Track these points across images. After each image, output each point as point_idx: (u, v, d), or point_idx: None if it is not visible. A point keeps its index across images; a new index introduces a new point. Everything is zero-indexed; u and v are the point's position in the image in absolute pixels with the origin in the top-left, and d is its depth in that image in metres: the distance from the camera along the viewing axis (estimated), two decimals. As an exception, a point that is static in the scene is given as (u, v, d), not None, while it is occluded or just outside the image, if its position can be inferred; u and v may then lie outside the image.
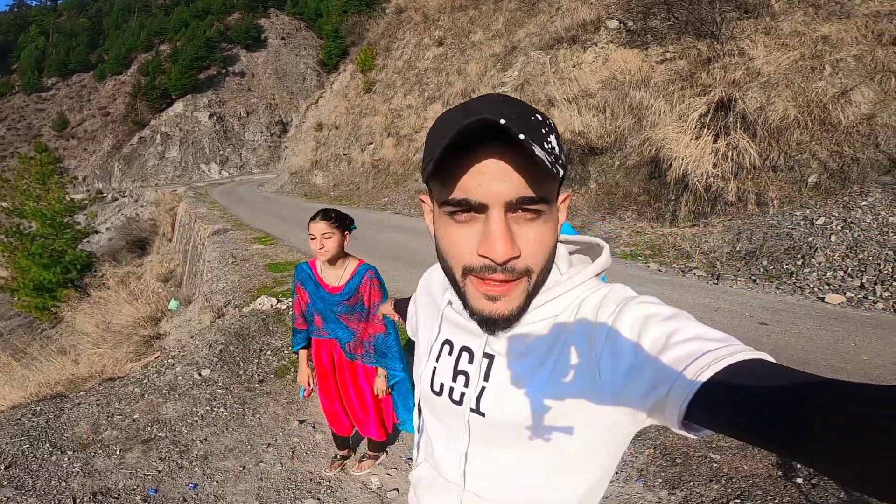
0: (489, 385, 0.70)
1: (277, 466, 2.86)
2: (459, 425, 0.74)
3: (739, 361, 0.48)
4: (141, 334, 5.89)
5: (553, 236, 0.63)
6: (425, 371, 0.81)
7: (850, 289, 5.05)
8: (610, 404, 0.60)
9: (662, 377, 0.53)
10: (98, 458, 2.86)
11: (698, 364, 0.50)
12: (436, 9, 19.01)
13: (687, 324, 0.56)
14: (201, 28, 56.35)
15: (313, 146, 21.63)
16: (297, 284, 2.37)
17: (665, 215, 7.39)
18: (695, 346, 0.52)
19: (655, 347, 0.55)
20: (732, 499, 2.32)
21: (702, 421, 0.50)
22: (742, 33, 8.47)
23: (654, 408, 0.55)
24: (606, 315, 0.62)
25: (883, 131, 6.13)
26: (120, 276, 12.16)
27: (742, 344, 0.52)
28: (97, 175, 48.68)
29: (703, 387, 0.48)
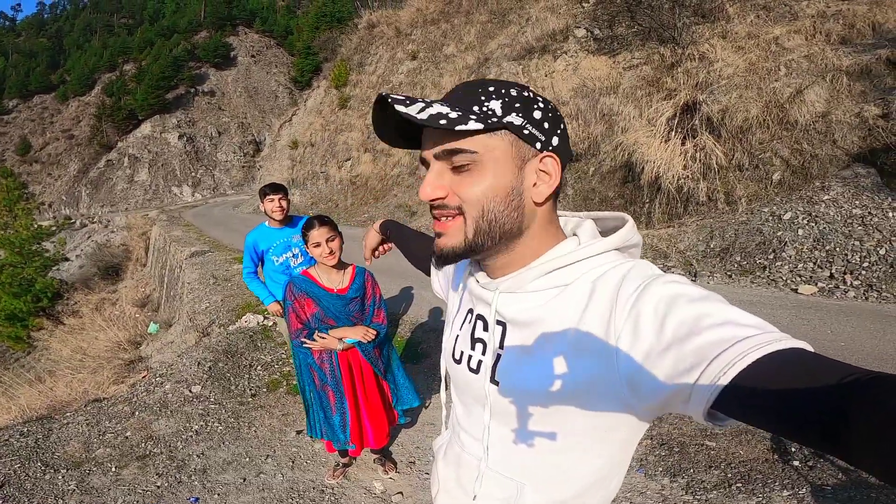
0: (504, 353, 0.72)
1: (278, 477, 2.86)
2: (478, 396, 0.75)
3: (777, 351, 0.46)
4: (122, 358, 5.75)
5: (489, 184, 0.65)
6: (448, 340, 0.84)
7: (821, 279, 5.29)
8: (624, 386, 0.59)
9: (689, 365, 0.50)
10: (93, 475, 2.81)
11: (732, 352, 0.47)
12: (408, 23, 19.24)
13: (718, 307, 0.53)
14: (167, 47, 55.42)
15: (289, 164, 21.46)
16: (297, 298, 2.33)
17: (641, 218, 7.61)
18: (728, 332, 0.49)
19: (682, 331, 0.52)
20: (734, 483, 2.40)
21: (732, 413, 0.48)
22: (701, 38, 8.83)
23: (674, 396, 0.53)
24: (629, 292, 0.60)
25: (839, 128, 6.48)
26: (94, 303, 11.81)
27: (778, 331, 0.50)
28: (64, 201, 47.19)
29: (736, 378, 0.46)
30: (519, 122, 0.66)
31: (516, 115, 0.66)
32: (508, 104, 0.66)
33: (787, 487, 2.29)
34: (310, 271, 2.39)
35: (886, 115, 6.22)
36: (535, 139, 0.67)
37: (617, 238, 0.70)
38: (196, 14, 64.45)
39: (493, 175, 0.66)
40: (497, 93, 0.66)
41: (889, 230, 5.38)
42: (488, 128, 0.64)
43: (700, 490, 2.42)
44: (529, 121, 0.66)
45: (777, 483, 2.33)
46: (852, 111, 6.50)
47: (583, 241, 0.71)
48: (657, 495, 2.47)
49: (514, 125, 0.65)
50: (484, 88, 0.67)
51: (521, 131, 0.66)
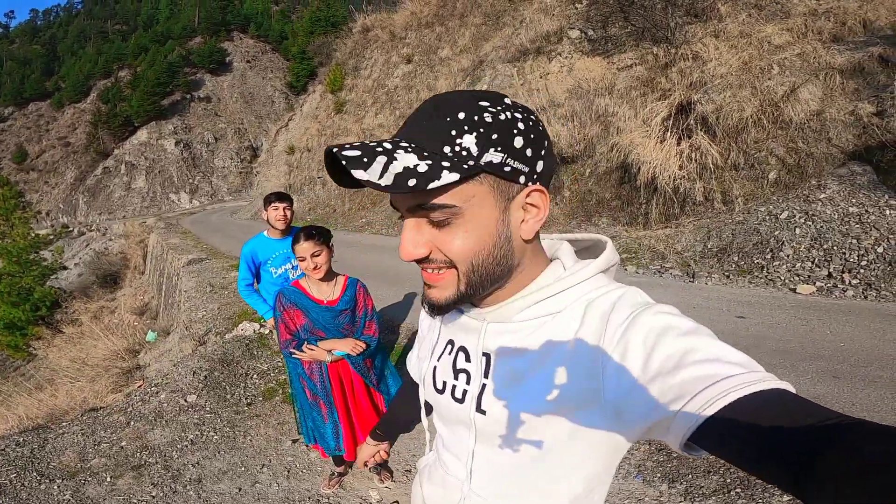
0: (489, 382, 0.70)
1: (274, 486, 2.85)
2: (463, 424, 0.75)
3: (759, 391, 0.47)
4: (120, 366, 5.74)
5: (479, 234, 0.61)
6: (427, 371, 0.82)
7: (820, 278, 5.28)
8: (610, 413, 0.59)
9: (672, 397, 0.51)
10: (89, 485, 2.81)
11: (716, 389, 0.48)
12: (402, 27, 19.27)
13: (706, 342, 0.54)
14: (162, 53, 55.42)
15: (286, 170, 21.45)
16: (286, 310, 2.33)
17: (638, 219, 7.61)
18: (714, 369, 0.50)
19: (668, 364, 0.53)
20: (733, 489, 2.39)
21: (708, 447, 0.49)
22: (694, 37, 8.85)
23: (656, 425, 0.54)
24: (619, 321, 0.60)
25: (833, 126, 6.49)
26: (92, 312, 11.79)
27: (764, 371, 0.50)
28: (61, 209, 47.13)
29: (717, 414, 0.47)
30: (498, 160, 0.59)
31: (494, 152, 0.58)
32: (484, 137, 0.58)
33: (786, 494, 2.26)
34: (300, 282, 2.37)
35: (881, 113, 6.23)
36: (518, 174, 0.61)
37: (602, 261, 0.69)
38: (190, 20, 64.54)
39: (477, 226, 0.61)
40: (469, 121, 0.58)
41: (886, 228, 5.38)
42: (465, 176, 0.57)
43: (699, 496, 2.40)
44: (510, 154, 0.59)
45: (776, 490, 2.31)
46: (846, 109, 6.51)
47: (567, 266, 0.70)
48: (655, 502, 2.45)
49: (493, 164, 0.58)
50: (453, 116, 0.58)
51: (502, 169, 0.59)
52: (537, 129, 0.62)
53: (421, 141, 0.58)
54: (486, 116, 0.59)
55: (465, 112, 0.58)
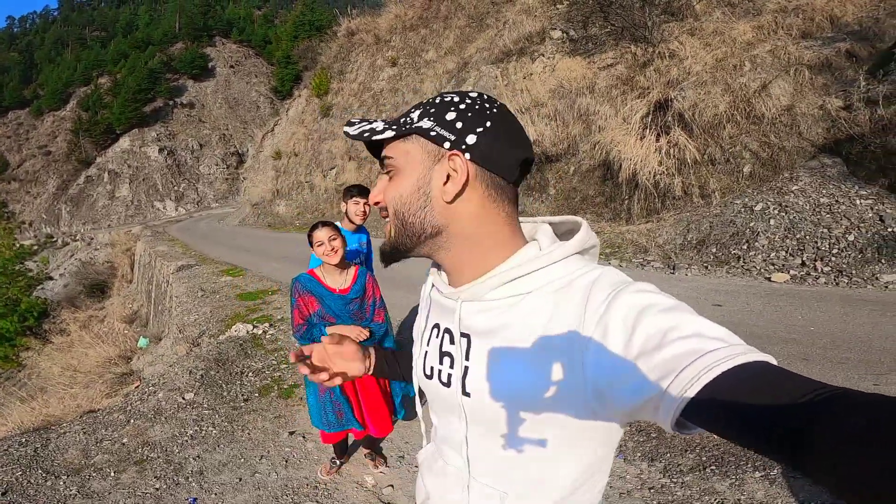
0: (471, 364, 0.71)
1: (273, 476, 2.96)
2: (454, 408, 0.75)
3: (742, 364, 0.47)
4: (114, 372, 5.78)
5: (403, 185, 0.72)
6: (418, 357, 0.83)
7: (793, 267, 5.50)
8: (589, 395, 0.59)
9: (658, 375, 0.51)
10: (93, 480, 2.91)
11: (698, 365, 0.48)
12: (387, 30, 19.36)
13: (686, 318, 0.54)
14: (142, 59, 54.60)
15: (273, 175, 21.39)
16: (301, 296, 2.50)
17: (621, 214, 7.81)
18: (696, 344, 0.50)
19: (651, 342, 0.53)
20: (708, 466, 2.53)
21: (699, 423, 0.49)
22: (671, 35, 9.07)
23: (643, 405, 0.54)
24: (598, 301, 0.60)
25: (804, 120, 6.74)
26: (81, 321, 11.72)
27: (744, 344, 0.51)
28: (44, 219, 46.33)
29: (703, 390, 0.47)
30: (427, 126, 0.70)
31: (427, 120, 0.71)
32: (424, 111, 0.73)
33: (758, 469, 2.42)
34: (315, 271, 2.56)
35: (848, 107, 6.49)
36: (443, 139, 0.69)
37: (576, 242, 0.70)
38: (171, 25, 63.87)
39: (405, 178, 0.72)
40: (424, 104, 0.74)
41: (856, 217, 5.61)
42: (399, 134, 0.71)
43: (677, 473, 2.55)
44: (439, 123, 0.70)
45: (749, 465, 2.46)
46: (816, 104, 6.77)
47: (543, 247, 0.71)
48: (636, 479, 2.60)
49: (422, 129, 0.71)
50: (423, 102, 0.75)
51: (429, 133, 0.70)
52: (482, 113, 0.70)
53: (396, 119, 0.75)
54: (436, 100, 0.74)
55: (429, 99, 0.75)
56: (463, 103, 0.72)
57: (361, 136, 0.73)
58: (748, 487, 2.32)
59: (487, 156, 0.69)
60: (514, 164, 0.71)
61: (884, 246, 5.23)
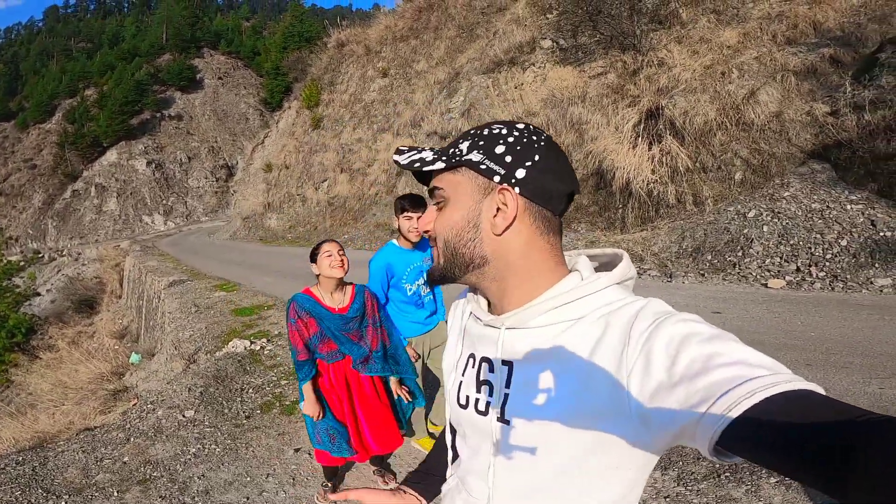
0: (512, 392, 0.71)
1: (281, 494, 2.92)
2: (485, 437, 0.75)
3: (785, 392, 0.46)
4: (107, 388, 5.67)
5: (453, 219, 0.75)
6: (452, 387, 0.83)
7: (789, 273, 5.55)
8: (635, 421, 0.60)
9: (697, 400, 0.51)
10: (96, 500, 2.84)
11: (740, 391, 0.48)
12: (377, 41, 19.45)
13: (730, 346, 0.55)
14: (129, 71, 54.07)
15: (264, 188, 21.26)
16: (299, 317, 2.41)
17: (615, 223, 7.85)
18: (738, 371, 0.50)
19: (693, 369, 0.53)
20: (722, 473, 2.51)
21: (737, 450, 0.48)
22: (659, 43, 9.20)
23: (683, 430, 0.54)
24: (641, 329, 0.61)
25: (792, 126, 6.85)
26: (70, 337, 11.52)
27: (790, 372, 0.50)
28: (30, 234, 45.60)
29: (743, 416, 0.47)
30: (477, 159, 0.72)
31: (476, 153, 0.73)
32: (473, 143, 0.74)
33: (773, 474, 2.40)
34: (312, 290, 2.47)
35: (835, 113, 6.61)
36: (492, 173, 0.71)
37: (618, 272, 0.72)
38: (158, 37, 63.57)
39: (455, 210, 0.75)
40: (472, 135, 0.76)
41: (848, 222, 5.70)
42: (449, 166, 0.74)
43: (691, 481, 2.54)
44: (488, 156, 0.72)
45: (764, 471, 2.44)
46: (803, 110, 6.89)
47: (585, 276, 0.72)
48: (650, 488, 2.58)
49: (472, 162, 0.73)
50: (468, 133, 0.77)
51: (479, 166, 0.72)
52: (531, 146, 0.72)
53: (444, 148, 0.78)
54: (484, 131, 0.75)
55: (476, 130, 0.77)
56: (511, 135, 0.73)
57: (411, 165, 0.75)
58: (764, 493, 2.32)
59: (536, 190, 0.71)
60: (560, 198, 0.74)
61: (876, 250, 5.31)
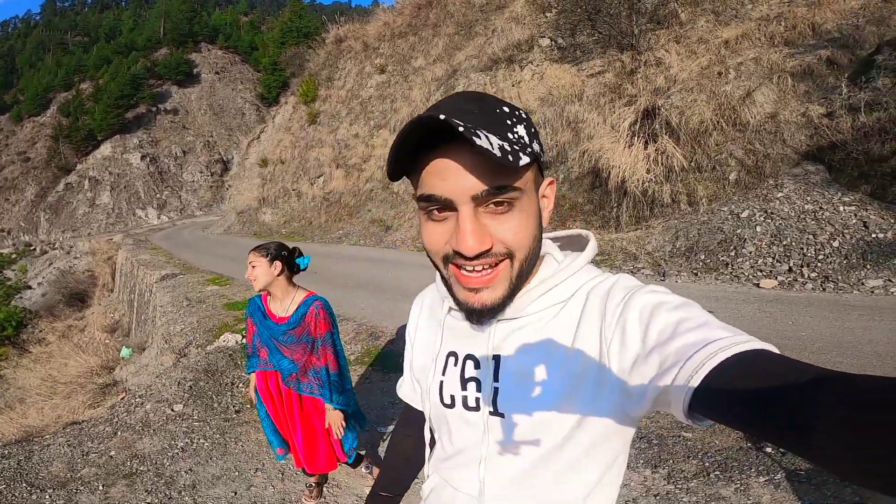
0: (501, 385, 0.70)
1: (269, 489, 2.88)
2: (476, 432, 0.74)
3: (743, 351, 0.48)
4: (96, 382, 5.62)
5: (532, 222, 0.64)
6: (433, 386, 0.80)
7: (781, 273, 5.56)
8: (616, 392, 0.61)
9: (668, 365, 0.53)
10: (81, 494, 2.80)
11: (702, 354, 0.49)
12: (375, 37, 19.37)
13: (695, 312, 0.57)
14: (125, 64, 53.63)
15: (259, 183, 21.16)
16: (249, 317, 2.42)
17: (610, 222, 7.86)
18: (701, 334, 0.52)
19: (663, 335, 0.55)
20: (712, 471, 2.52)
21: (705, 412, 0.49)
22: (657, 43, 9.20)
23: (659, 396, 0.55)
24: (615, 304, 0.63)
25: (787, 128, 6.88)
26: (60, 331, 11.42)
27: (747, 335, 0.52)
28: (22, 227, 45.17)
29: (707, 377, 0.48)
30: (538, 150, 0.65)
31: (536, 143, 0.65)
32: (529, 129, 0.64)
33: (762, 473, 2.41)
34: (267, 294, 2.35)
35: (830, 114, 6.63)
36: (544, 165, 0.69)
37: (590, 251, 0.73)
38: (155, 31, 63.11)
39: (530, 212, 0.64)
40: (514, 115, 0.63)
41: (841, 223, 5.72)
42: (531, 161, 0.61)
43: (681, 479, 2.54)
44: (542, 148, 0.67)
45: (753, 470, 2.46)
46: (798, 111, 6.91)
47: (558, 259, 0.72)
48: (641, 486, 2.58)
49: (537, 153, 0.64)
50: (500, 108, 0.63)
51: (540, 158, 0.66)
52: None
53: (485, 126, 0.58)
54: (520, 113, 0.65)
55: (506, 107, 0.64)
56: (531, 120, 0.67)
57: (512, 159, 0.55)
58: (753, 492, 2.32)
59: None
60: None
61: (868, 252, 5.33)
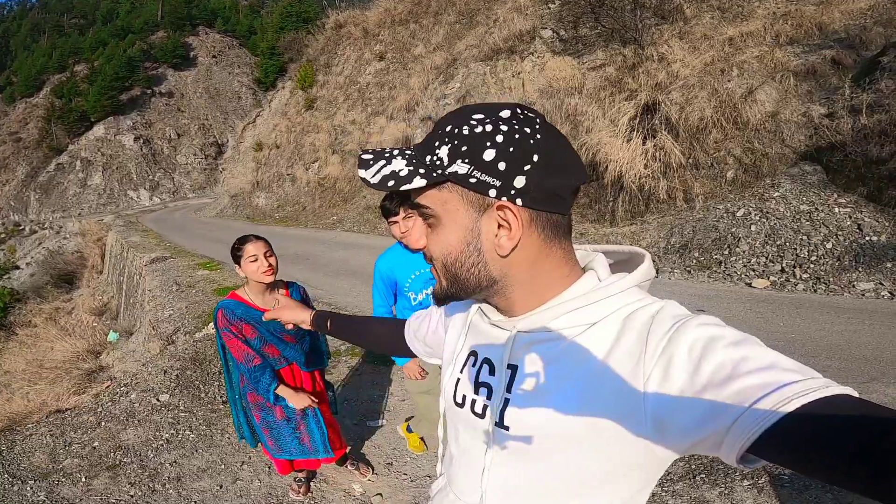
0: (513, 397, 0.68)
1: (255, 483, 2.83)
2: (480, 440, 0.72)
3: (823, 398, 0.45)
4: (82, 367, 5.54)
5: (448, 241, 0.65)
6: (449, 382, 0.79)
7: (773, 273, 5.56)
8: (648, 427, 0.57)
9: (727, 408, 0.49)
10: (63, 486, 2.75)
11: (776, 397, 0.46)
12: (375, 24, 19.14)
13: (758, 350, 0.53)
14: (121, 47, 52.96)
15: (253, 167, 21.00)
16: (233, 325, 2.13)
17: (605, 216, 7.83)
18: (770, 377, 0.48)
19: (720, 374, 0.51)
20: (698, 474, 2.51)
21: (769, 456, 0.47)
22: (661, 38, 9.13)
23: (707, 437, 0.52)
24: (660, 333, 0.58)
25: (787, 127, 6.85)
26: (47, 313, 11.29)
27: (822, 377, 0.49)
28: (12, 206, 44.64)
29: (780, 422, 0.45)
30: (464, 171, 0.60)
31: (461, 163, 0.61)
32: (455, 149, 0.61)
33: (747, 478, 2.40)
34: (239, 294, 2.21)
35: (831, 115, 6.60)
36: (486, 186, 0.61)
37: (639, 274, 0.66)
38: (153, 14, 62.13)
39: (450, 230, 0.64)
40: (449, 134, 0.62)
41: (835, 225, 5.71)
42: (432, 182, 0.62)
43: (667, 482, 2.52)
44: (477, 165, 0.60)
45: (737, 473, 2.45)
46: (799, 111, 6.88)
47: (602, 277, 0.67)
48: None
49: (458, 175, 0.61)
50: (442, 129, 0.63)
51: (468, 180, 0.61)
52: (526, 143, 0.60)
53: (418, 150, 0.65)
54: (464, 129, 0.61)
55: (452, 125, 0.62)
56: (499, 133, 0.60)
57: (384, 185, 0.62)
58: (737, 496, 2.30)
59: (540, 196, 0.62)
60: (568, 195, 0.65)
61: (861, 254, 5.33)
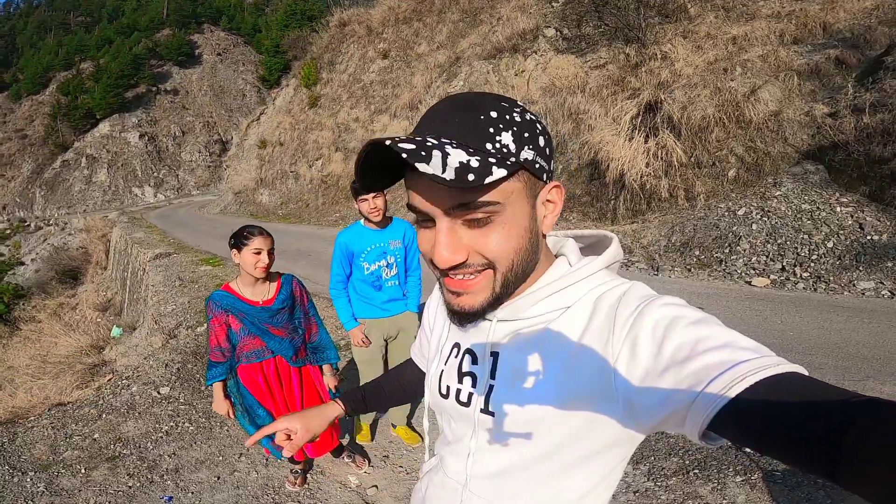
0: (497, 383, 0.69)
1: (253, 474, 2.86)
2: (467, 427, 0.74)
3: (774, 375, 0.47)
4: (85, 362, 5.59)
5: (517, 232, 0.62)
6: (433, 374, 0.80)
7: (773, 272, 5.56)
8: (620, 407, 0.59)
9: (687, 385, 0.51)
10: (62, 477, 2.79)
11: (730, 375, 0.48)
12: (379, 22, 19.16)
13: (716, 330, 0.54)
14: (127, 45, 53.27)
15: (257, 164, 21.08)
16: (218, 315, 2.21)
17: (607, 214, 7.83)
18: (727, 355, 0.50)
19: (681, 353, 0.53)
20: (691, 469, 2.52)
21: (727, 434, 0.48)
22: (664, 37, 9.11)
23: (670, 416, 0.53)
24: (627, 314, 0.60)
25: (789, 126, 6.83)
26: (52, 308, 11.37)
27: (775, 355, 0.50)
28: (18, 203, 44.91)
29: (734, 401, 0.47)
30: (531, 157, 0.60)
31: (528, 149, 0.60)
32: (519, 135, 0.60)
33: (740, 473, 2.42)
34: (230, 285, 2.28)
35: (834, 114, 6.58)
36: (543, 171, 0.63)
37: (607, 256, 0.69)
38: (158, 12, 62.32)
39: (515, 223, 0.61)
40: (503, 120, 0.59)
41: (836, 224, 5.70)
42: (510, 173, 0.58)
43: (661, 477, 2.54)
44: (538, 152, 0.61)
45: (731, 469, 2.47)
46: (802, 110, 6.86)
47: (572, 262, 0.70)
48: (621, 482, 2.58)
49: (528, 161, 0.60)
50: (486, 114, 0.59)
51: (534, 166, 0.61)
52: (548, 132, 0.65)
53: (461, 137, 0.58)
54: (515, 115, 0.60)
55: (497, 111, 0.60)
56: (538, 123, 0.63)
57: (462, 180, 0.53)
58: (730, 492, 2.32)
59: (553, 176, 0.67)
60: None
61: (862, 253, 5.32)
